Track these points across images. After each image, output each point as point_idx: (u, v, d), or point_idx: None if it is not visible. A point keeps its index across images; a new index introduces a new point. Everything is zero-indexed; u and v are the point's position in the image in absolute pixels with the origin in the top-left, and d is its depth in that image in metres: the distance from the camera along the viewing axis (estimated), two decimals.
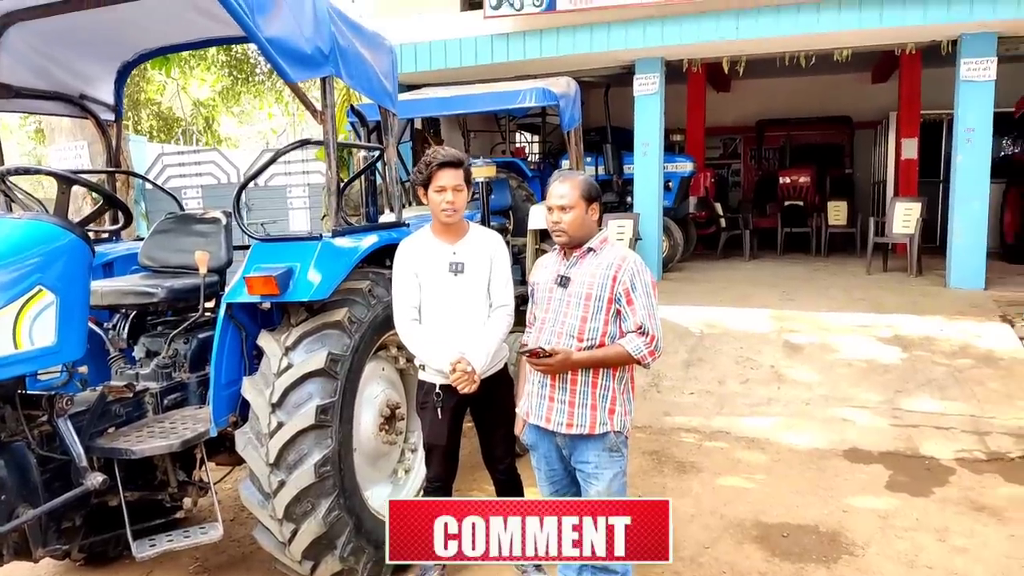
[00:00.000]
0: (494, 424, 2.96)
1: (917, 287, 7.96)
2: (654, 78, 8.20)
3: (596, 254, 2.46)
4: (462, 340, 2.78)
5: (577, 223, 2.44)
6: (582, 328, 2.41)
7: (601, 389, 2.41)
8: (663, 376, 5.78)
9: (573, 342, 2.41)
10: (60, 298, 2.35)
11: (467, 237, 2.87)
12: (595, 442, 2.41)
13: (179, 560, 3.47)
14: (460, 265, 2.79)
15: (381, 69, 3.26)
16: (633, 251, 2.49)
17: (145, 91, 13.48)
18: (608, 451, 2.41)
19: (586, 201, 2.43)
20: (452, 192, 2.72)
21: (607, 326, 2.40)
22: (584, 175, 2.55)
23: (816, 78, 11.97)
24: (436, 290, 2.80)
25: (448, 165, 2.73)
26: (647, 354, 2.35)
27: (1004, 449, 4.51)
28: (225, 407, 2.86)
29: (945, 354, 5.78)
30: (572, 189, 2.43)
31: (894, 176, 11.05)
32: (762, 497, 3.94)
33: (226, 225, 3.32)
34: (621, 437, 2.44)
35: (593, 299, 2.40)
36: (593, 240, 2.48)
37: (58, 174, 2.54)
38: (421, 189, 2.80)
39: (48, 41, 3.17)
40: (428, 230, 2.89)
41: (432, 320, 2.82)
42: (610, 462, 2.42)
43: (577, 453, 2.46)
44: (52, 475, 2.51)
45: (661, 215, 8.65)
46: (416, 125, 7.59)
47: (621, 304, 2.38)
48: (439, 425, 2.84)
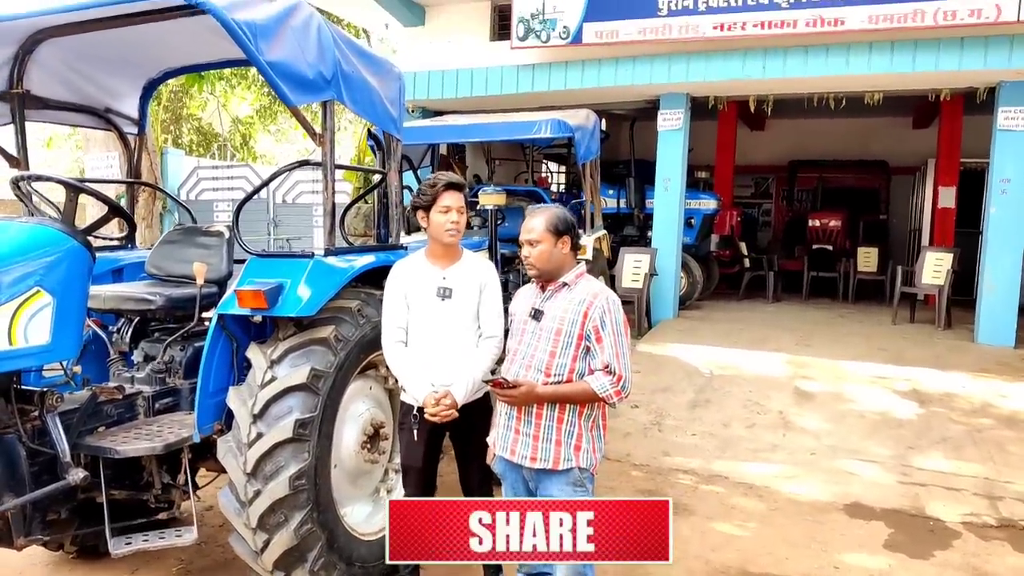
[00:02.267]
0: (470, 455, 2.95)
1: (943, 341, 7.74)
2: (678, 114, 8.23)
3: (570, 289, 2.47)
4: (447, 365, 2.80)
5: (544, 257, 2.46)
6: (550, 363, 2.42)
7: (567, 425, 2.41)
8: (666, 415, 5.71)
9: (540, 376, 2.42)
10: (57, 300, 2.45)
11: (459, 263, 2.90)
12: (559, 477, 2.42)
13: (165, 560, 3.54)
14: (448, 291, 2.82)
15: (387, 95, 3.35)
16: (608, 288, 2.50)
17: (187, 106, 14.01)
18: (572, 486, 2.41)
19: (554, 235, 2.45)
20: (456, 213, 2.79)
21: (575, 362, 2.40)
22: (555, 209, 2.54)
23: (854, 120, 11.88)
24: (423, 313, 2.84)
25: (453, 187, 2.81)
26: (612, 394, 2.34)
27: (1017, 516, 4.32)
28: (211, 414, 2.92)
29: (964, 412, 5.60)
30: (539, 223, 2.47)
31: (930, 224, 10.84)
32: (752, 546, 3.85)
33: (228, 239, 3.43)
34: (586, 473, 2.43)
35: (563, 335, 2.40)
36: (568, 275, 2.48)
37: (66, 182, 2.68)
38: (422, 212, 2.84)
39: (77, 56, 3.35)
40: (422, 254, 2.93)
41: (418, 343, 2.85)
42: (573, 495, 2.40)
43: (542, 487, 2.47)
44: (40, 468, 2.59)
45: (679, 251, 8.61)
46: (442, 151, 7.73)
47: (591, 341, 2.38)
48: (415, 447, 2.85)
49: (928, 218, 11.01)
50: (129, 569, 3.44)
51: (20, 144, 3.36)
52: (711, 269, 10.26)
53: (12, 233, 2.45)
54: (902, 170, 12.37)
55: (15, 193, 2.82)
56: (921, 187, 11.77)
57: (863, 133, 12.36)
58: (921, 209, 11.65)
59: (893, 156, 12.34)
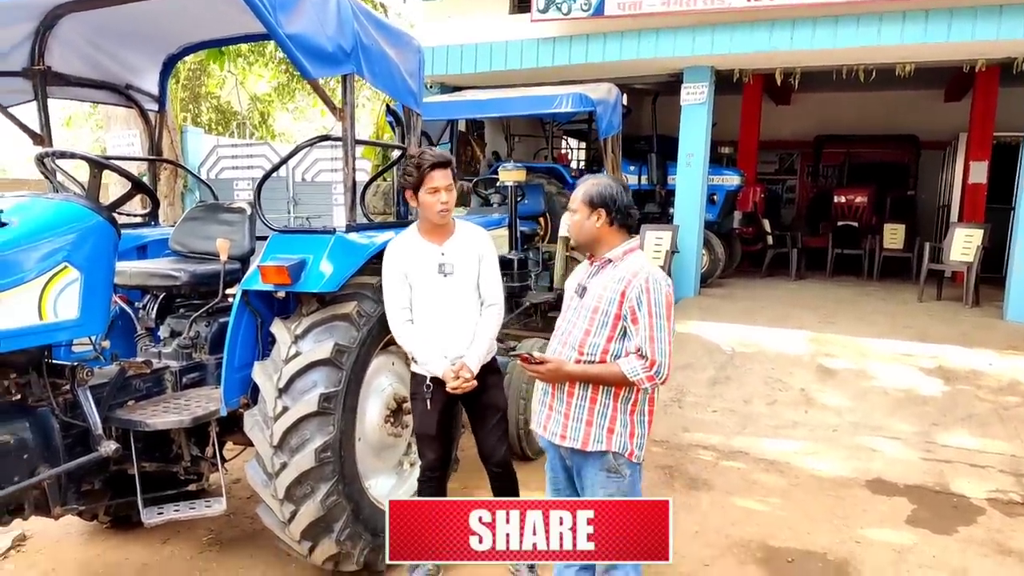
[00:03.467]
0: (484, 414, 3.01)
1: (970, 318, 7.59)
2: (702, 87, 8.07)
3: (615, 266, 2.35)
4: (452, 340, 2.86)
5: (577, 227, 2.41)
6: (583, 341, 2.33)
7: (600, 406, 2.32)
8: (687, 392, 5.70)
9: (573, 354, 2.35)
10: (84, 275, 2.49)
11: (454, 236, 2.91)
12: (594, 459, 2.35)
13: (195, 531, 3.63)
14: (450, 266, 2.85)
15: (406, 68, 3.32)
16: (651, 265, 2.33)
17: (206, 84, 14.02)
18: (605, 472, 2.33)
19: (588, 206, 2.35)
20: (445, 192, 2.77)
21: (609, 343, 2.30)
22: (600, 179, 2.42)
23: (883, 93, 11.56)
24: (426, 291, 2.86)
25: (440, 165, 2.77)
26: (644, 379, 2.22)
27: None
28: (237, 389, 2.97)
29: (991, 389, 5.51)
30: (579, 192, 2.40)
31: (959, 200, 10.59)
32: (773, 520, 3.85)
33: (250, 216, 3.46)
34: (621, 459, 2.32)
35: (599, 313, 2.31)
36: (615, 251, 2.36)
37: (90, 158, 2.70)
38: (410, 192, 2.82)
39: (97, 32, 3.37)
40: (414, 230, 2.93)
41: (422, 321, 2.87)
42: (606, 482, 2.34)
43: (577, 467, 2.43)
44: (73, 440, 2.67)
45: (702, 228, 8.50)
46: (460, 127, 7.69)
47: (627, 322, 2.27)
48: (429, 415, 2.91)
49: (958, 194, 10.75)
50: (161, 539, 3.54)
51: (43, 121, 3.40)
52: (733, 246, 10.13)
53: (39, 209, 2.49)
54: (932, 144, 12.06)
55: (40, 170, 2.85)
56: (951, 162, 11.48)
57: (892, 107, 12.04)
58: (951, 184, 11.37)
59: (923, 130, 12.02)
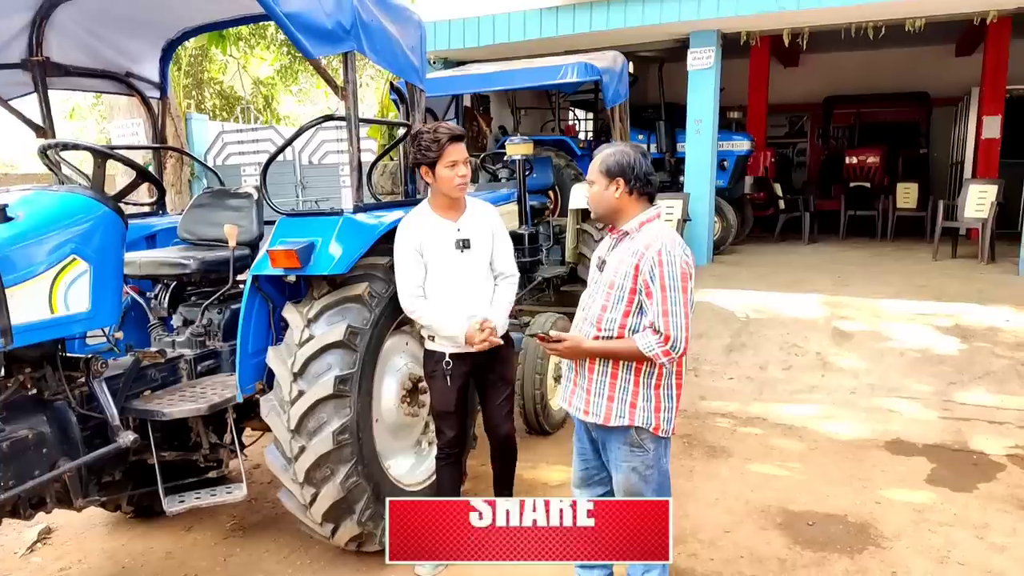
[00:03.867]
0: (494, 384, 3.05)
1: (986, 275, 7.50)
2: (709, 52, 7.92)
3: (632, 238, 2.29)
4: (472, 309, 2.88)
5: (595, 198, 2.37)
6: (601, 316, 2.30)
7: (621, 381, 2.29)
8: (703, 360, 5.68)
9: (592, 330, 2.32)
10: (93, 267, 2.49)
11: (468, 212, 2.93)
12: (618, 434, 2.33)
13: (218, 518, 3.67)
14: (467, 242, 2.86)
15: (408, 44, 3.27)
16: (668, 235, 2.26)
17: (208, 70, 13.93)
18: (629, 446, 2.31)
19: (606, 176, 2.30)
20: (463, 165, 2.79)
21: (626, 318, 2.25)
22: (617, 148, 2.35)
23: (892, 51, 11.33)
24: (444, 267, 2.86)
25: (457, 139, 2.78)
26: (660, 353, 2.18)
27: None
28: (252, 375, 2.97)
29: (1009, 346, 5.45)
30: (596, 163, 2.35)
31: (973, 156, 10.40)
32: (792, 485, 3.84)
33: (257, 200, 3.43)
34: (645, 434, 2.29)
35: (615, 288, 2.26)
36: (631, 222, 2.31)
37: (94, 148, 2.68)
38: (425, 168, 2.79)
39: (94, 20, 3.32)
40: (427, 207, 2.92)
41: (440, 297, 2.88)
42: (629, 456, 2.32)
43: (602, 441, 2.43)
44: (92, 432, 2.68)
45: (713, 195, 8.40)
46: (465, 102, 7.60)
47: (643, 296, 2.22)
48: (448, 392, 2.94)
49: (971, 150, 10.56)
50: (184, 527, 3.58)
51: (45, 113, 3.37)
52: (745, 212, 10.02)
53: (45, 202, 2.47)
54: (944, 101, 11.83)
55: (43, 162, 2.84)
56: (964, 118, 11.26)
57: (902, 64, 11.80)
58: (964, 141, 11.17)
59: (934, 87, 11.78)
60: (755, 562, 3.09)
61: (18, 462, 2.35)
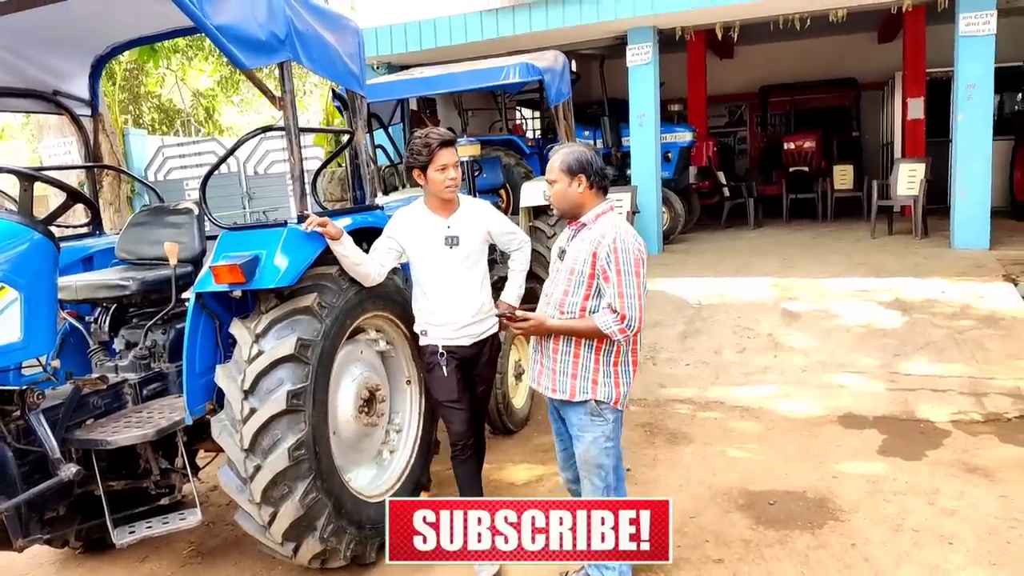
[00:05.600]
0: (478, 380, 3.15)
1: (921, 249, 7.83)
2: (647, 48, 8.06)
3: (589, 229, 2.50)
4: (459, 309, 2.96)
5: (559, 196, 2.54)
6: (563, 301, 2.50)
7: (582, 360, 2.49)
8: (659, 349, 5.76)
9: (555, 313, 2.53)
10: (24, 294, 2.38)
11: (459, 211, 3.03)
12: (578, 406, 2.54)
13: (175, 545, 3.55)
14: (455, 239, 2.96)
15: (346, 51, 3.22)
16: (621, 226, 2.47)
17: (145, 84, 13.50)
18: (589, 415, 2.52)
19: (567, 174, 2.49)
20: (453, 168, 2.90)
21: (586, 301, 2.46)
22: (574, 147, 2.56)
23: (821, 40, 11.72)
24: (432, 262, 2.96)
25: (447, 144, 2.90)
26: (616, 331, 2.38)
27: (1001, 410, 4.45)
28: (201, 395, 2.89)
29: (945, 316, 5.69)
30: (555, 163, 2.53)
31: (901, 137, 10.84)
32: (752, 466, 3.93)
33: (198, 215, 3.34)
34: (605, 405, 2.51)
35: (575, 274, 2.47)
36: (588, 214, 2.51)
37: (17, 171, 2.57)
38: (417, 171, 2.92)
39: (17, 39, 3.17)
40: (422, 204, 3.03)
41: (429, 291, 2.98)
42: (591, 425, 2.52)
43: (565, 415, 2.63)
44: (31, 467, 2.55)
45: (659, 187, 8.56)
46: (412, 106, 7.53)
47: (600, 281, 2.43)
48: (447, 382, 3.01)
49: (899, 131, 11.02)
50: (139, 558, 3.45)
51: None
52: (692, 202, 10.23)
53: None
54: (871, 85, 12.31)
55: None
56: (890, 101, 11.75)
57: (831, 52, 12.22)
58: (892, 122, 11.66)
59: (861, 72, 12.25)
60: (721, 545, 3.14)
61: None
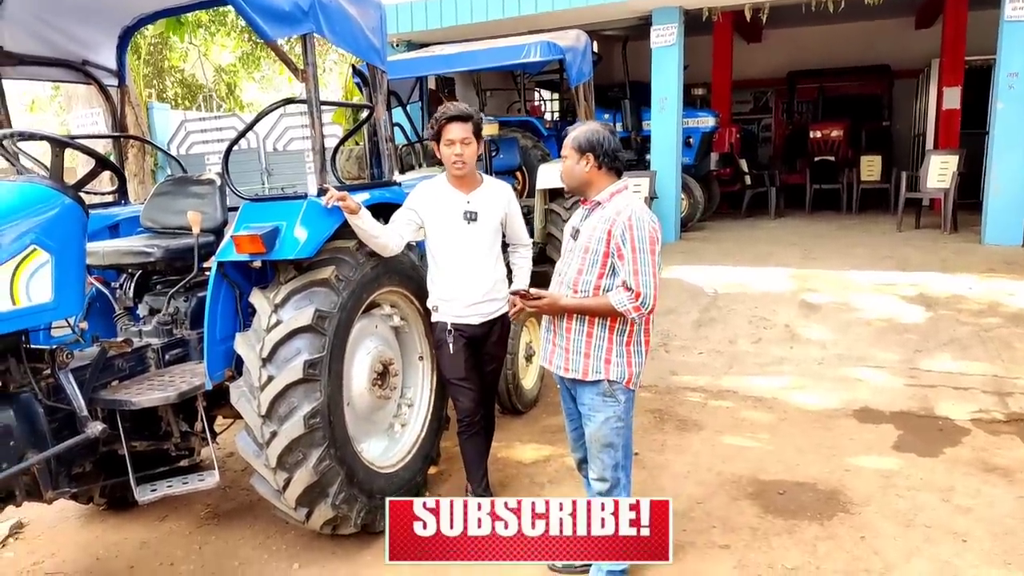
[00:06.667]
0: (487, 359, 3.20)
1: (949, 244, 7.69)
2: (672, 29, 7.94)
3: (603, 208, 2.51)
4: (474, 283, 3.01)
5: (567, 171, 2.57)
6: (576, 279, 2.51)
7: (596, 339, 2.50)
8: (672, 336, 5.75)
9: (569, 292, 2.54)
10: (55, 257, 2.43)
11: (481, 188, 3.07)
12: (591, 386, 2.55)
13: (192, 506, 3.65)
14: (474, 214, 2.99)
15: (368, 25, 3.23)
16: (636, 204, 2.49)
17: (168, 58, 13.61)
18: (602, 396, 2.53)
19: (577, 151, 2.50)
20: (460, 145, 2.91)
21: (600, 279, 2.47)
22: (589, 125, 2.58)
23: (853, 25, 11.48)
24: (449, 236, 3.00)
25: (456, 119, 2.91)
26: (631, 308, 2.39)
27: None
28: (221, 362, 2.95)
29: (972, 313, 5.60)
30: (568, 139, 2.55)
31: (934, 128, 10.61)
32: (762, 455, 3.93)
33: (220, 186, 3.38)
34: (617, 386, 2.52)
35: (590, 252, 2.47)
36: (603, 193, 2.52)
37: (51, 137, 2.61)
38: (435, 144, 2.99)
39: (47, 8, 3.23)
40: (443, 179, 3.08)
41: (445, 264, 3.03)
42: (603, 406, 2.53)
43: (577, 395, 2.64)
44: (60, 424, 2.64)
45: (679, 173, 8.48)
46: (430, 85, 7.53)
47: (615, 259, 2.44)
48: (456, 359, 3.06)
49: (932, 121, 10.79)
50: (158, 516, 3.55)
51: (0, 104, 3.29)
52: (712, 189, 10.13)
53: (2, 193, 2.41)
54: (905, 73, 12.04)
55: (1, 154, 2.77)
56: (925, 90, 11.49)
57: (863, 37, 11.96)
58: (925, 112, 11.40)
59: (895, 59, 11.97)
60: (728, 531, 3.15)
61: None
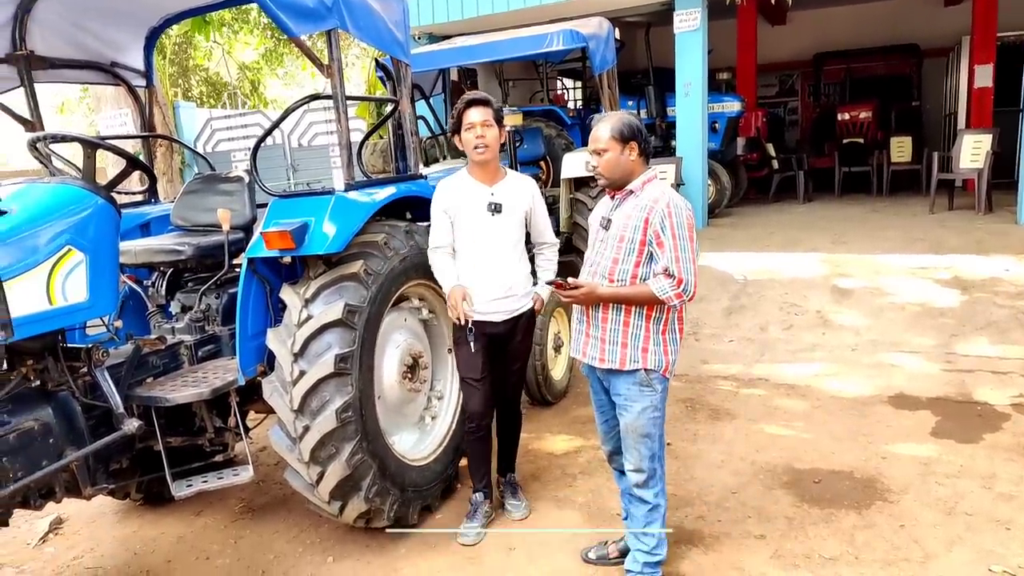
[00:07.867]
0: (512, 357, 3.15)
1: (984, 225, 7.49)
2: (695, 13, 7.81)
3: (636, 196, 2.47)
4: (498, 275, 2.98)
5: (611, 165, 2.48)
6: (612, 269, 2.48)
7: (633, 328, 2.47)
8: (702, 324, 5.69)
9: (605, 282, 2.50)
10: (89, 257, 2.47)
11: (504, 180, 3.03)
12: (627, 376, 2.51)
13: (227, 501, 3.70)
14: (498, 206, 2.95)
15: (391, 19, 3.22)
16: (670, 191, 2.47)
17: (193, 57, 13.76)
18: (639, 385, 2.50)
19: (620, 142, 2.45)
20: (481, 127, 2.87)
21: (637, 268, 2.44)
22: (621, 115, 2.52)
23: (881, 4, 11.23)
24: (473, 229, 2.97)
25: (475, 103, 2.88)
26: (673, 296, 2.37)
27: None
28: (253, 357, 2.98)
29: (1009, 295, 5.45)
30: (605, 132, 2.47)
31: (966, 106, 10.33)
32: (797, 443, 3.87)
33: (249, 183, 3.41)
34: (654, 375, 2.49)
35: (625, 241, 2.44)
36: (635, 181, 2.48)
37: (82, 139, 2.65)
38: (456, 136, 2.96)
39: (76, 11, 3.28)
40: (465, 172, 3.04)
41: (469, 257, 2.99)
42: (640, 395, 2.50)
43: (612, 385, 2.59)
44: (97, 421, 2.69)
45: (705, 158, 8.35)
46: (453, 77, 7.51)
47: (653, 247, 2.40)
48: (473, 358, 3.02)
49: (964, 100, 10.49)
50: (194, 511, 3.61)
51: (32, 107, 3.35)
52: (739, 174, 9.98)
53: (37, 194, 2.45)
54: (934, 52, 11.72)
55: (33, 155, 2.80)
56: (955, 68, 11.17)
57: (891, 16, 11.67)
58: (956, 91, 11.09)
59: (924, 38, 11.67)
60: (763, 521, 3.11)
61: (26, 453, 2.37)
